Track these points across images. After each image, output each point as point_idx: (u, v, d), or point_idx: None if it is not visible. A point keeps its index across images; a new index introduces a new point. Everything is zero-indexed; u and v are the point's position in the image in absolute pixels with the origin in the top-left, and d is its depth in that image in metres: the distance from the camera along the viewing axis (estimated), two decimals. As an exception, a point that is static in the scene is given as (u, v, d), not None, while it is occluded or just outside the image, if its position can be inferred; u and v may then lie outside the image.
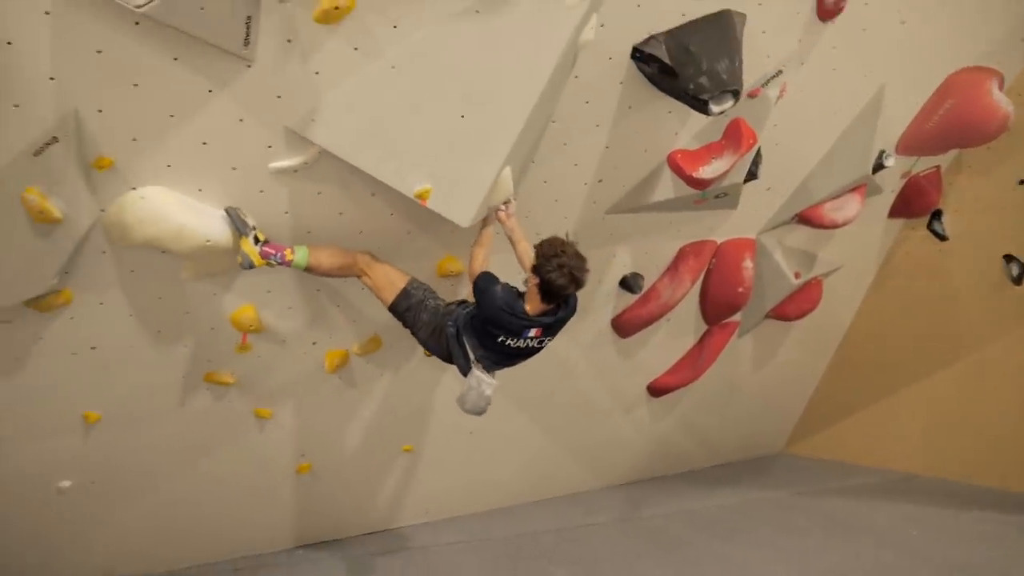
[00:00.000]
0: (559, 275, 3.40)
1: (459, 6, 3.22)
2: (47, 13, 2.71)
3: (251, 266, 3.58)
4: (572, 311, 3.73)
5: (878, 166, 5.20)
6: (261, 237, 3.60)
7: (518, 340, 3.62)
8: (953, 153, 5.77)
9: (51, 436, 4.10)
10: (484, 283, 3.59)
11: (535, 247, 3.54)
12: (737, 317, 6.01)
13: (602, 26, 3.55)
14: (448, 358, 3.89)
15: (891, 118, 5.06)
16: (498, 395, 5.30)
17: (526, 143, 3.74)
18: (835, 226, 5.40)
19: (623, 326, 5.55)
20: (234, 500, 5.03)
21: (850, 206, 5.37)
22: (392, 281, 3.88)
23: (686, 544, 5.83)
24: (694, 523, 6.22)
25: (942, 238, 6.18)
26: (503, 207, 3.81)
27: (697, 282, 5.53)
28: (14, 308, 3.51)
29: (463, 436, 5.65)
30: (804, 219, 5.44)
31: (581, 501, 6.62)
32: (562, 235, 3.62)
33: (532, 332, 3.61)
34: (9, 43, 2.72)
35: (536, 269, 3.46)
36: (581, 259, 3.48)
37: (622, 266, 5.15)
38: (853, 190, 5.35)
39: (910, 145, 5.35)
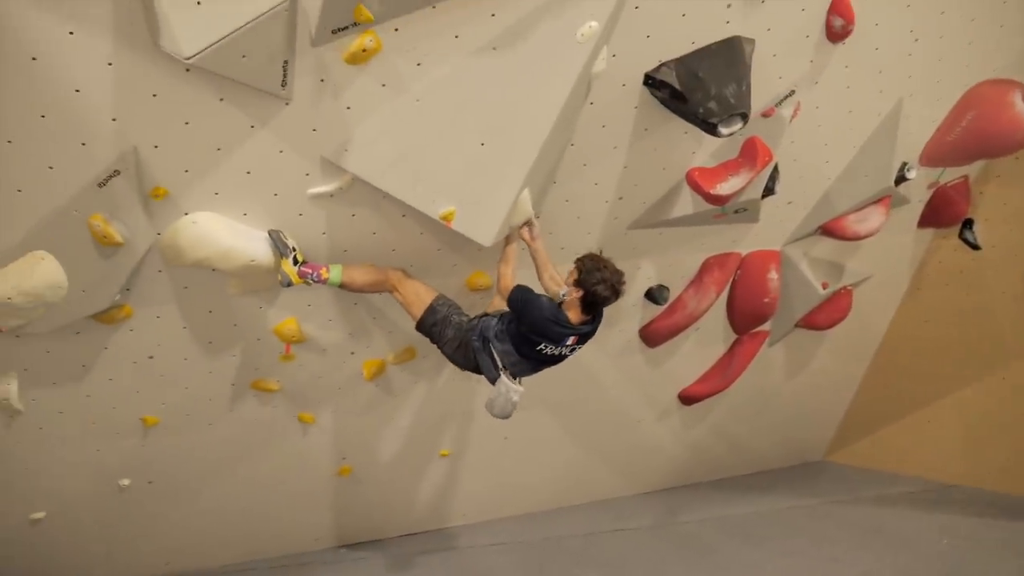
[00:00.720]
0: (604, 288, 3.73)
1: (477, 44, 3.49)
2: (110, 64, 3.06)
3: (289, 284, 3.90)
4: (599, 321, 3.98)
5: (900, 178, 5.27)
6: (300, 258, 3.92)
7: (556, 348, 3.87)
8: (981, 163, 5.79)
9: (113, 437, 4.50)
10: (526, 294, 3.83)
11: (576, 262, 3.83)
12: (767, 327, 6.12)
13: (614, 56, 3.77)
14: (475, 369, 4.13)
15: (911, 131, 5.14)
16: (532, 402, 5.58)
17: (544, 166, 3.98)
18: (858, 238, 5.48)
19: (650, 336, 5.73)
20: (280, 500, 5.37)
21: (874, 218, 5.45)
22: (420, 298, 4.14)
23: (716, 550, 5.95)
24: (726, 530, 6.32)
25: (974, 247, 6.18)
26: (527, 229, 4.06)
27: (723, 293, 5.67)
28: (82, 321, 3.89)
29: (498, 442, 5.89)
30: (828, 231, 5.54)
31: (613, 507, 6.77)
32: (593, 251, 3.95)
33: (570, 340, 3.88)
34: (77, 90, 3.08)
35: (580, 283, 3.76)
36: (620, 273, 3.81)
37: (647, 278, 5.34)
38: (877, 202, 5.43)
39: (933, 156, 5.41)
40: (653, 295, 5.42)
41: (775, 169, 4.77)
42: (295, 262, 3.87)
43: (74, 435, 4.41)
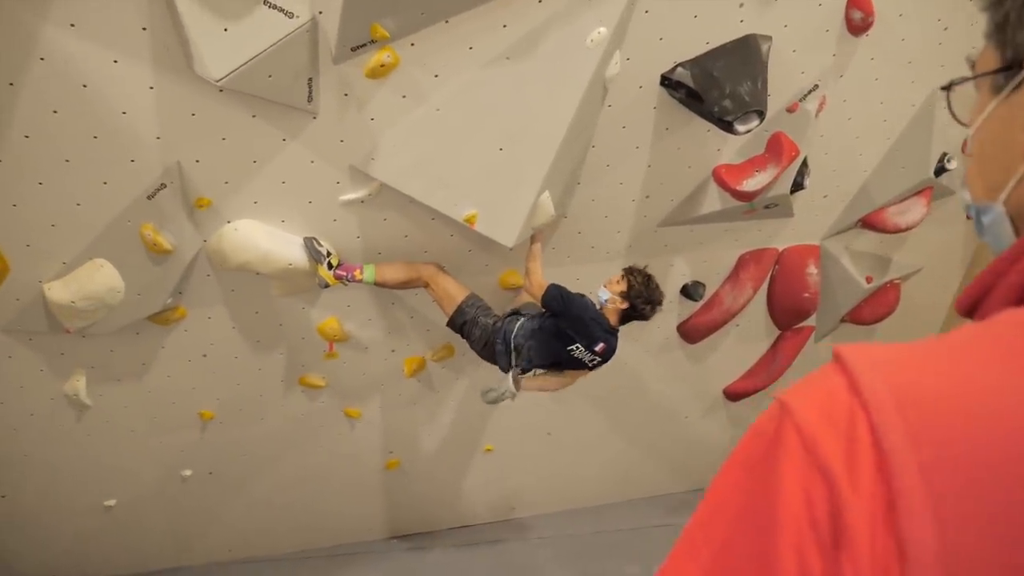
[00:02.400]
0: (649, 310, 3.99)
1: (491, 54, 3.66)
2: (151, 88, 3.37)
3: (326, 286, 4.17)
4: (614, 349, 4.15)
5: (940, 169, 5.17)
6: (335, 262, 4.16)
7: (585, 351, 4.03)
8: (1031, 151, 5.61)
9: (174, 431, 4.85)
10: (566, 292, 4.01)
11: (627, 274, 4.03)
12: (811, 322, 6.08)
13: (628, 59, 3.88)
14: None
15: (949, 120, 5.02)
16: (575, 397, 5.72)
17: (564, 169, 4.12)
18: (899, 230, 5.40)
19: (688, 333, 5.78)
20: (332, 492, 5.65)
21: (915, 210, 5.36)
22: (451, 297, 4.33)
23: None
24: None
25: (1029, 238, 5.99)
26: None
27: (761, 289, 5.68)
28: (140, 322, 4.24)
29: (541, 437, 6.04)
30: (868, 224, 5.48)
31: (662, 502, 6.81)
32: (638, 265, 4.18)
33: (599, 347, 4.02)
34: (124, 113, 3.40)
35: (627, 296, 3.96)
36: (661, 291, 4.07)
37: (681, 275, 5.39)
38: (918, 193, 5.35)
39: (976, 147, 5.29)
40: (688, 291, 5.47)
41: (804, 164, 4.77)
42: (330, 266, 4.13)
43: (138, 428, 4.78)
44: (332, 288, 4.30)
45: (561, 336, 4.03)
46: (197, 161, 3.70)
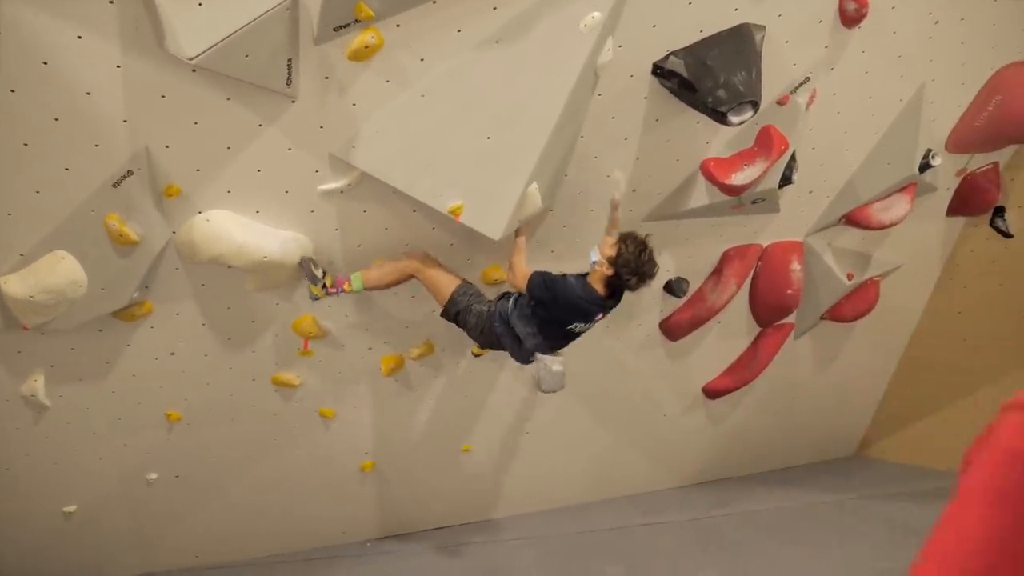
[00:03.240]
0: (636, 282, 3.73)
1: (480, 37, 3.51)
2: (118, 67, 3.15)
3: (316, 299, 4.12)
4: (621, 297, 3.95)
5: (925, 165, 5.14)
6: (328, 283, 4.07)
7: (586, 324, 3.87)
8: (1012, 148, 5.63)
9: (139, 433, 4.62)
10: (549, 278, 3.81)
11: (620, 240, 3.75)
12: (791, 319, 6.04)
13: (620, 47, 3.75)
14: (501, 348, 4.17)
15: (935, 117, 5.02)
16: (555, 396, 5.59)
17: (552, 159, 3.98)
18: (883, 226, 5.37)
19: (671, 329, 5.68)
20: (305, 495, 5.45)
21: (899, 206, 5.33)
22: (441, 287, 4.13)
23: (743, 545, 5.88)
24: (753, 525, 6.25)
25: (1007, 235, 6.01)
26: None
27: (744, 285, 5.60)
28: (104, 318, 4.00)
29: (519, 436, 5.91)
30: (852, 220, 5.43)
31: (642, 501, 6.74)
32: (638, 233, 3.86)
33: (597, 317, 3.87)
34: (88, 93, 3.18)
35: (615, 263, 3.70)
36: (655, 266, 3.76)
37: (665, 271, 5.28)
38: (901, 190, 5.31)
39: (960, 143, 5.27)
40: (672, 288, 5.38)
41: (792, 158, 4.69)
42: (324, 287, 4.04)
43: (101, 430, 4.54)
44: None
45: (558, 321, 3.87)
46: (167, 147, 3.49)
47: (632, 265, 3.67)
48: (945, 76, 4.87)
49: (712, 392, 6.29)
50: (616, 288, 3.81)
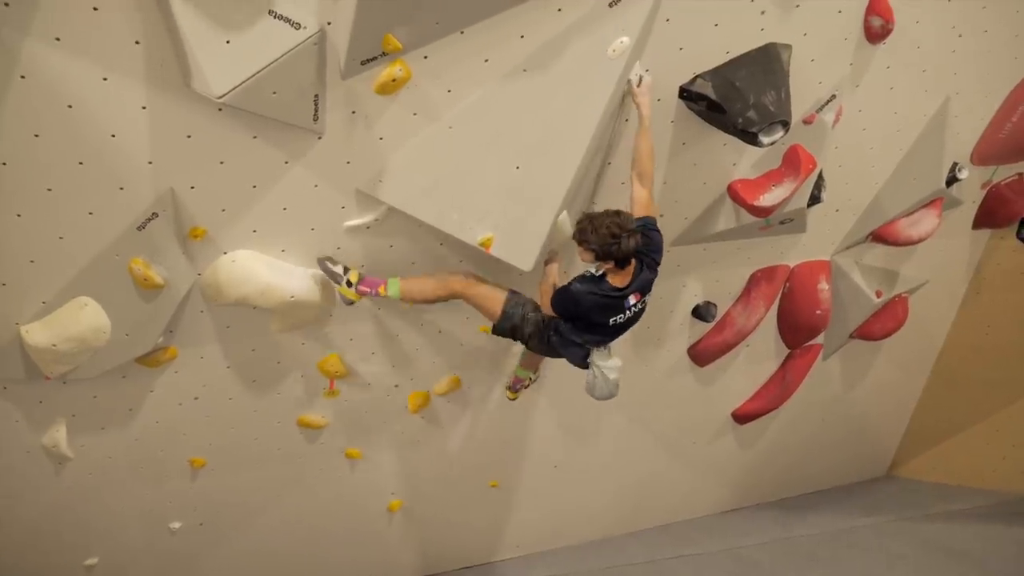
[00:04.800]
0: (625, 243, 3.36)
1: (508, 67, 3.44)
2: (144, 107, 3.08)
3: (350, 303, 3.89)
4: (654, 264, 3.67)
5: (951, 179, 5.08)
6: (354, 279, 3.84)
7: (624, 313, 3.63)
8: (1036, 159, 5.57)
9: (162, 481, 4.50)
10: (562, 295, 3.61)
11: (577, 239, 3.48)
12: (820, 339, 5.93)
13: (647, 71, 3.69)
14: (558, 356, 3.95)
15: (961, 130, 4.96)
16: (582, 428, 5.46)
17: (581, 187, 3.90)
18: (911, 242, 5.29)
19: (700, 355, 5.58)
20: (332, 537, 5.32)
21: (926, 221, 5.26)
22: (491, 304, 3.90)
23: (778, 574, 5.74)
24: (790, 552, 6.11)
25: (1034, 246, 5.94)
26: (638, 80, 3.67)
27: (772, 307, 5.51)
28: (127, 364, 3.90)
29: (548, 469, 5.78)
30: (879, 237, 5.36)
31: (673, 532, 6.59)
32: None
33: (632, 300, 3.61)
34: (113, 136, 3.10)
35: (598, 256, 3.42)
36: (609, 213, 3.41)
37: (693, 296, 5.20)
38: (928, 204, 5.24)
39: (985, 155, 5.21)
40: (700, 312, 5.28)
41: (820, 176, 4.62)
42: (349, 283, 3.84)
43: (124, 479, 4.41)
44: (336, 317, 4.01)
45: (596, 324, 3.66)
46: (192, 187, 3.41)
47: (603, 239, 3.35)
48: (969, 89, 4.81)
49: (742, 417, 6.16)
50: (618, 255, 3.42)
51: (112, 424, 4.17)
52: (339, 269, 3.86)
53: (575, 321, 3.68)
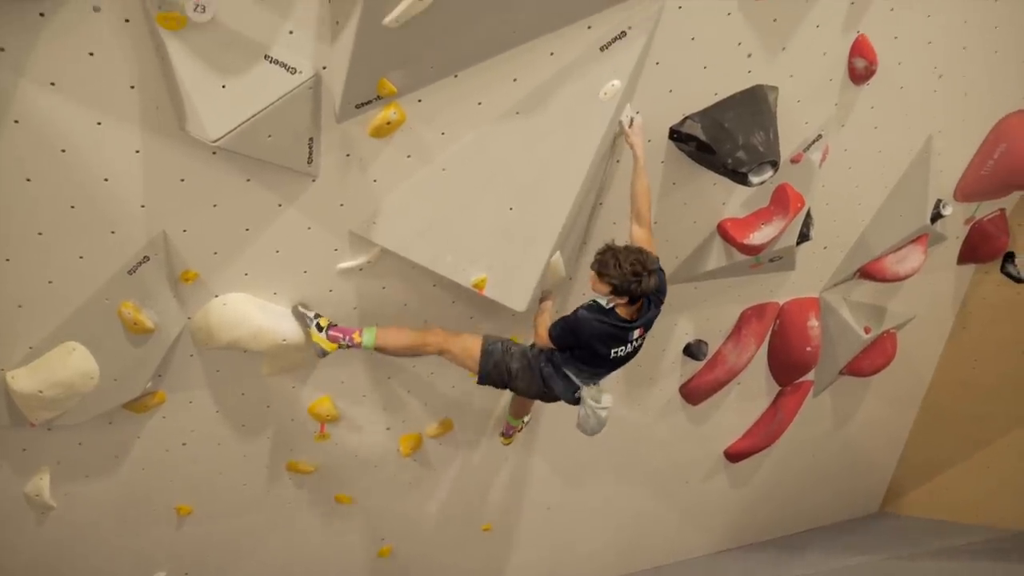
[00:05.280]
0: (646, 280, 3.34)
1: (501, 109, 3.47)
2: (137, 151, 3.06)
3: (324, 354, 3.76)
4: (660, 301, 3.65)
5: (936, 215, 5.15)
6: (324, 324, 3.75)
7: (626, 346, 3.60)
8: (1017, 194, 5.66)
9: (147, 529, 4.39)
10: (565, 323, 3.56)
11: (595, 268, 3.45)
12: (811, 376, 5.94)
13: (637, 113, 3.73)
14: (550, 397, 3.86)
15: (944, 167, 5.05)
16: (575, 469, 5.41)
17: (574, 228, 3.92)
18: (898, 278, 5.34)
19: (691, 393, 5.56)
20: (320, 584, 5.20)
21: (913, 257, 5.32)
22: (468, 350, 3.83)
23: (776, 615, 5.68)
24: (784, 593, 6.05)
25: (1018, 280, 6.01)
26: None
27: (762, 345, 5.52)
28: (114, 410, 3.82)
29: (540, 512, 5.71)
30: (867, 274, 5.40)
31: (667, 574, 6.52)
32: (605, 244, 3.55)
33: (636, 334, 3.59)
34: (106, 179, 3.08)
35: (616, 291, 3.38)
36: (632, 250, 3.41)
37: (684, 334, 5.21)
38: (914, 241, 5.30)
39: (968, 191, 5.31)
40: (692, 351, 5.28)
41: (808, 214, 4.67)
42: (319, 328, 3.75)
43: (108, 528, 4.30)
44: (329, 360, 3.95)
45: (597, 355, 3.61)
46: (184, 231, 3.38)
47: (628, 276, 3.33)
48: (951, 127, 4.91)
49: (734, 455, 6.14)
50: (634, 293, 3.41)
51: (97, 471, 4.07)
52: (310, 313, 3.80)
53: (574, 350, 3.65)
